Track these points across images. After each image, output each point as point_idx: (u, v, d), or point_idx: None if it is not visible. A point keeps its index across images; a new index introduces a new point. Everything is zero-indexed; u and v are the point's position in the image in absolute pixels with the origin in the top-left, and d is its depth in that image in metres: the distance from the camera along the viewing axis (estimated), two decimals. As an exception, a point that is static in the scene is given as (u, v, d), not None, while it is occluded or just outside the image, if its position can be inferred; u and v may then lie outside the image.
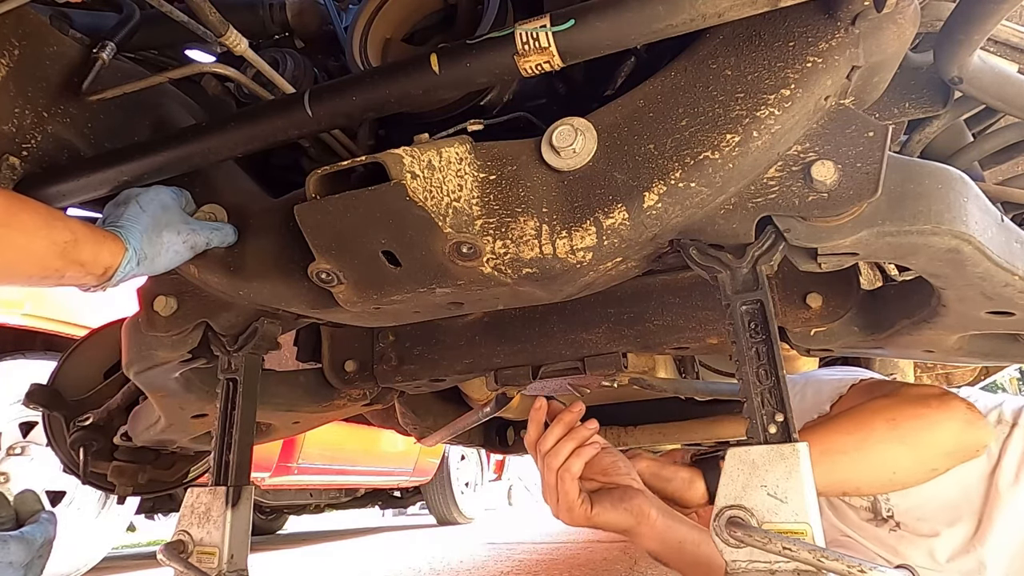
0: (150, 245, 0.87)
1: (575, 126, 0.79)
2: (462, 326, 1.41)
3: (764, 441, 0.75)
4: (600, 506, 1.07)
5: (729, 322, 0.82)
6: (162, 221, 0.90)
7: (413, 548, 4.64)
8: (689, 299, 1.27)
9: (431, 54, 0.78)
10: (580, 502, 1.06)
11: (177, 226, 0.92)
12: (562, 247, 0.79)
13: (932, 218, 0.78)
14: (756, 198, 0.79)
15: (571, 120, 0.80)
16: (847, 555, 0.65)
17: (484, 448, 2.88)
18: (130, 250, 0.84)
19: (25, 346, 2.89)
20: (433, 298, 0.89)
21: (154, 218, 0.89)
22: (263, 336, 1.14)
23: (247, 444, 1.13)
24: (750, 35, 0.77)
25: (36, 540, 0.95)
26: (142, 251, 0.86)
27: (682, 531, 1.09)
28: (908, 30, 0.76)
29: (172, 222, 0.91)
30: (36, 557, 0.95)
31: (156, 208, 0.90)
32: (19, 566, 0.92)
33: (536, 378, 1.41)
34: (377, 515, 10.27)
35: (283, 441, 3.79)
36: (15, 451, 2.74)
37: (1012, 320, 0.96)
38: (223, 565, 1.01)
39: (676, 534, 1.08)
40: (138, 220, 0.88)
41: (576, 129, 0.79)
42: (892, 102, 0.93)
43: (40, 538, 0.96)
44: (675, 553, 1.09)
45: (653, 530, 1.07)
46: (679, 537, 1.08)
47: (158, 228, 0.89)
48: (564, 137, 0.79)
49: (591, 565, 3.33)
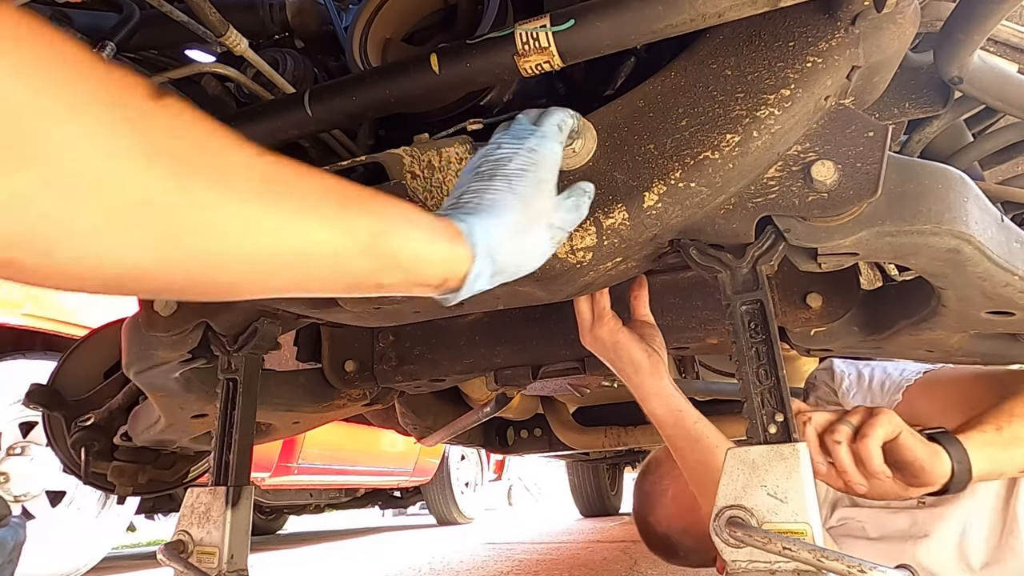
0: (513, 245, 0.59)
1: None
2: (462, 326, 1.41)
3: (764, 441, 0.75)
4: (625, 330, 1.07)
5: (729, 322, 0.82)
6: (534, 208, 0.61)
7: (413, 548, 4.64)
8: (689, 299, 1.27)
9: (431, 54, 0.78)
10: (612, 316, 1.07)
11: (549, 216, 0.63)
12: (562, 247, 0.79)
13: (932, 218, 0.78)
14: (756, 198, 0.79)
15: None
16: (847, 555, 0.65)
17: (484, 448, 2.88)
18: (481, 260, 0.57)
19: (25, 346, 2.89)
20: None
21: (525, 205, 0.60)
22: (263, 336, 1.14)
23: (247, 444, 1.13)
24: (750, 35, 0.77)
25: (7, 543, 0.94)
26: (502, 256, 0.58)
27: (684, 402, 1.07)
28: (908, 30, 0.76)
29: (545, 211, 0.63)
30: (7, 561, 0.94)
31: (530, 187, 0.61)
32: None
33: (536, 378, 1.41)
34: (377, 515, 10.27)
35: (283, 441, 3.79)
36: (15, 451, 2.74)
37: (1012, 320, 0.96)
38: (223, 565, 1.01)
39: (679, 402, 1.06)
40: (504, 207, 0.59)
41: (576, 129, 0.79)
42: (892, 102, 0.93)
43: (11, 541, 0.95)
44: (673, 419, 1.06)
45: (661, 385, 1.06)
46: (680, 406, 1.06)
47: (528, 220, 0.61)
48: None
49: (591, 565, 3.33)
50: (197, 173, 0.42)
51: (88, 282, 0.41)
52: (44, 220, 0.37)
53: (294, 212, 0.47)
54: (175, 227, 0.41)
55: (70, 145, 0.37)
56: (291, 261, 0.47)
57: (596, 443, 2.59)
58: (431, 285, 0.57)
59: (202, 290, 0.47)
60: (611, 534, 4.94)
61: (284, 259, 0.47)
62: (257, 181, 0.45)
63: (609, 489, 6.76)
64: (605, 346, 1.08)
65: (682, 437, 1.04)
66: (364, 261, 0.51)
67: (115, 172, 0.39)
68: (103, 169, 0.38)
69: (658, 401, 1.05)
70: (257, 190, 0.45)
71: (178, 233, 0.42)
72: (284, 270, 0.48)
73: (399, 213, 0.54)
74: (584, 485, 6.57)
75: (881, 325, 1.12)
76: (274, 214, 0.46)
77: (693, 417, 1.04)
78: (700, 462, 1.01)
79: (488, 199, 0.60)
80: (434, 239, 0.55)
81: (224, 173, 0.43)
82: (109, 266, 0.40)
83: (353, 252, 0.50)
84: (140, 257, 0.41)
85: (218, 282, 0.46)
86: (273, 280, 0.48)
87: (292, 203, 0.47)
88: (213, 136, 0.43)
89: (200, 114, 0.43)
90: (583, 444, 2.61)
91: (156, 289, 0.44)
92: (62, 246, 0.39)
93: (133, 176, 0.39)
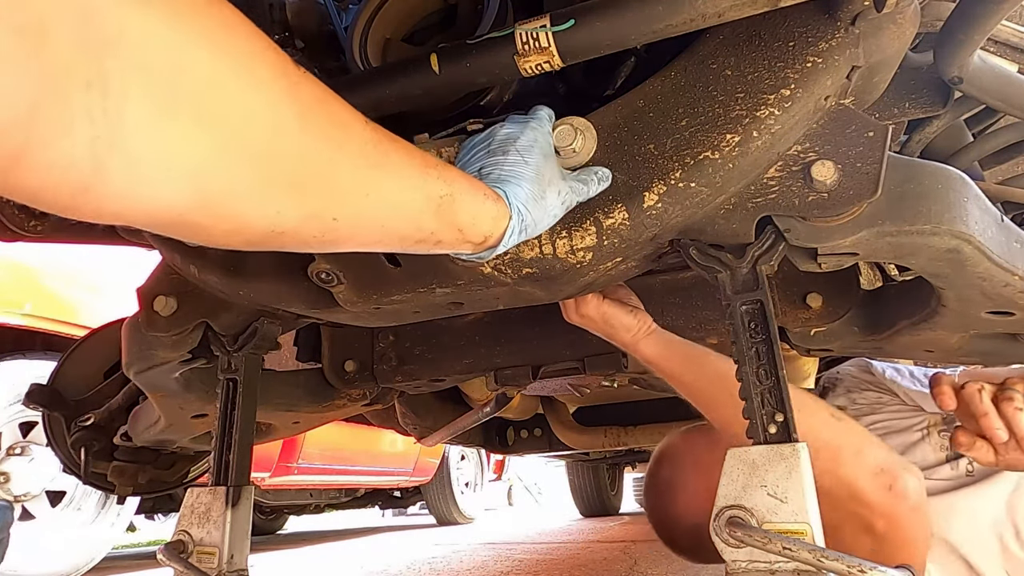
0: (536, 208, 0.69)
1: (575, 125, 0.79)
2: (462, 326, 1.41)
3: (764, 441, 0.75)
4: (608, 301, 1.10)
5: (729, 322, 0.82)
6: (545, 176, 0.72)
7: (413, 548, 4.64)
8: (689, 299, 1.27)
9: (431, 54, 0.78)
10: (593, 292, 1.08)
11: (558, 184, 0.74)
12: (562, 247, 0.79)
13: (932, 218, 0.78)
14: (756, 198, 0.79)
15: (571, 119, 0.79)
16: (847, 555, 0.65)
17: (484, 448, 2.88)
18: (515, 217, 0.67)
19: (25, 346, 2.89)
20: (433, 298, 0.89)
21: (538, 173, 0.71)
22: (263, 336, 1.14)
23: (247, 444, 1.13)
24: (750, 35, 0.77)
25: None
26: (529, 217, 0.69)
27: (681, 340, 1.10)
28: (908, 30, 0.76)
29: (554, 179, 0.73)
30: None
31: (538, 158, 0.72)
32: None
33: (536, 378, 1.41)
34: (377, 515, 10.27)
35: (283, 441, 3.79)
36: (15, 451, 2.74)
37: (1012, 320, 0.96)
38: (223, 565, 1.01)
39: (677, 342, 1.09)
40: (523, 177, 0.69)
41: (576, 129, 0.79)
42: (892, 102, 0.93)
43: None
44: (680, 356, 1.07)
45: (657, 336, 1.09)
46: (679, 342, 1.09)
47: (542, 186, 0.71)
48: (564, 136, 0.78)
49: (591, 565, 3.33)
50: (330, 139, 0.48)
51: (246, 239, 0.47)
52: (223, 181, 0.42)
53: (389, 176, 0.54)
54: (316, 187, 0.48)
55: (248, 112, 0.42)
56: (383, 219, 0.55)
57: (596, 443, 2.59)
58: (474, 243, 0.66)
59: (318, 244, 0.53)
60: (611, 534, 4.94)
61: (378, 217, 0.55)
62: (368, 147, 0.52)
63: (609, 489, 6.77)
64: (595, 321, 1.12)
65: (695, 368, 1.06)
66: (433, 221, 0.59)
67: (279, 139, 0.44)
68: (270, 135, 0.43)
69: (659, 350, 1.08)
70: (366, 156, 0.51)
71: (316, 193, 0.48)
72: (374, 226, 0.55)
73: (462, 179, 0.63)
74: (584, 485, 6.57)
75: (881, 325, 1.12)
76: (376, 178, 0.53)
77: (696, 347, 1.08)
78: (718, 374, 1.00)
79: (508, 170, 0.69)
80: (486, 201, 0.64)
81: (344, 140, 0.50)
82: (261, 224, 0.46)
83: (428, 213, 0.58)
84: (287, 215, 0.47)
85: (328, 238, 0.52)
86: (363, 235, 0.56)
87: (389, 168, 0.54)
88: (337, 105, 0.49)
89: (323, 84, 0.48)
90: (583, 444, 2.61)
91: (290, 244, 0.51)
92: (234, 206, 0.44)
93: (291, 142, 0.45)
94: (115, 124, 0.36)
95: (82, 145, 0.35)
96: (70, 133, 0.35)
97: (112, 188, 0.38)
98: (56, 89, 0.33)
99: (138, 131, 0.37)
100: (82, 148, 0.35)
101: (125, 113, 0.36)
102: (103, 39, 0.35)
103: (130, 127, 0.37)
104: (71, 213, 0.39)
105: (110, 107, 0.36)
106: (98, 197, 0.38)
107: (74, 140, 0.35)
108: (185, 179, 0.40)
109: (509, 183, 0.68)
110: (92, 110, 0.35)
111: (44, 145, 0.34)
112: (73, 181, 0.36)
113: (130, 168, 0.38)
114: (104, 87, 0.35)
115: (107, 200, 0.38)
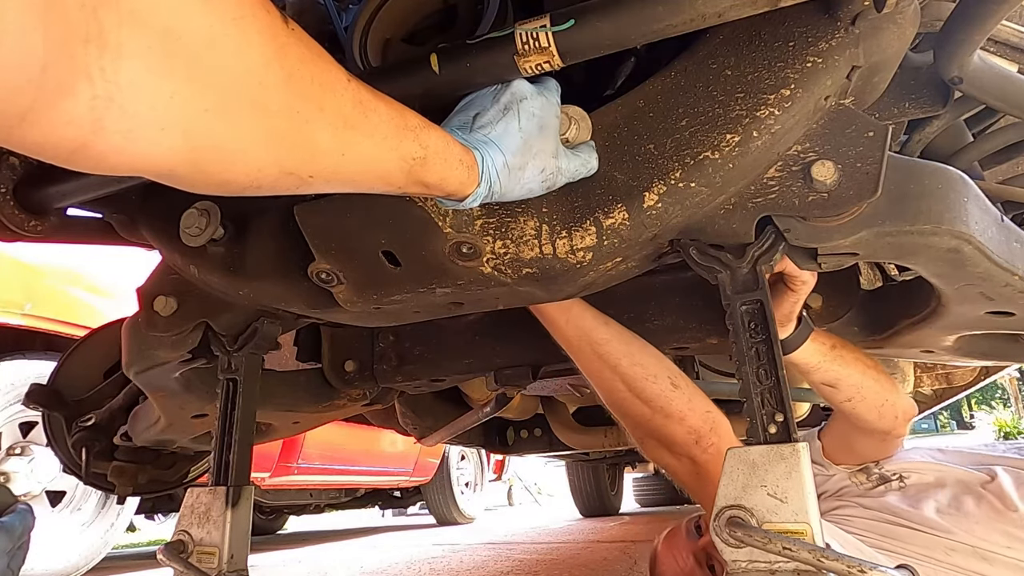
0: (510, 179, 0.70)
1: (570, 114, 0.78)
2: (462, 326, 1.41)
3: (764, 441, 0.75)
4: None
5: (729, 322, 0.82)
6: (533, 149, 0.71)
7: (413, 548, 4.64)
8: (689, 299, 1.27)
9: (431, 54, 0.78)
10: None
11: (545, 160, 0.73)
12: (562, 247, 0.79)
13: (932, 218, 0.78)
14: (756, 198, 0.79)
15: (567, 108, 0.79)
16: (847, 555, 0.65)
17: (484, 448, 2.88)
18: (483, 185, 0.69)
19: (25, 346, 2.89)
20: (433, 298, 0.89)
21: (526, 144, 0.71)
22: (263, 336, 1.14)
23: (247, 444, 1.13)
24: (750, 35, 0.77)
25: (16, 528, 0.95)
26: (498, 186, 0.70)
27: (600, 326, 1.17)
28: (908, 30, 0.76)
29: (542, 152, 0.73)
30: (18, 547, 0.95)
31: (533, 130, 0.71)
32: (2, 554, 0.92)
33: (536, 378, 1.41)
34: (377, 515, 10.27)
35: (283, 441, 3.79)
36: (15, 451, 2.74)
37: (1012, 320, 0.96)
38: (223, 565, 1.01)
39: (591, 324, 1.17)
40: (507, 144, 0.69)
41: (571, 118, 0.78)
42: (892, 102, 0.93)
43: (20, 527, 0.96)
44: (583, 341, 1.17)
45: (568, 309, 1.17)
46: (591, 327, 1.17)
47: (525, 158, 0.71)
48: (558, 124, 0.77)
49: (591, 565, 3.33)
50: (312, 99, 0.50)
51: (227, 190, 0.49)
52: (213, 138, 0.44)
53: (366, 137, 0.56)
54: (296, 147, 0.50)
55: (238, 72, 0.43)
56: (355, 175, 0.58)
57: (596, 443, 2.59)
58: (440, 195, 0.69)
59: (289, 193, 0.55)
60: (611, 534, 4.94)
61: (351, 174, 0.58)
62: (347, 107, 0.53)
63: (609, 489, 6.76)
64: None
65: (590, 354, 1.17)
66: (402, 179, 0.62)
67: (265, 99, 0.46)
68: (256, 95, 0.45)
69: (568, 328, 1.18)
70: (346, 117, 0.53)
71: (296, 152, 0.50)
72: (345, 181, 0.58)
73: (439, 140, 0.64)
74: (584, 485, 6.57)
75: (881, 325, 1.12)
76: (353, 139, 0.55)
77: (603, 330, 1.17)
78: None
79: (499, 131, 0.70)
80: (458, 167, 0.66)
81: (326, 102, 0.51)
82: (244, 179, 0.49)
83: (398, 172, 0.61)
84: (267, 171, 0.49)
85: (301, 190, 0.55)
86: (334, 187, 0.59)
87: (367, 129, 0.56)
88: (323, 64, 0.51)
89: (313, 42, 0.50)
90: (583, 444, 2.61)
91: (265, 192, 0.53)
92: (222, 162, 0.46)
93: (277, 103, 0.47)
94: (112, 82, 0.37)
95: (83, 104, 0.37)
96: (73, 93, 0.36)
97: (109, 145, 0.39)
98: (63, 49, 0.34)
99: (133, 89, 0.38)
100: (83, 107, 0.37)
101: (120, 71, 0.37)
102: None
103: (126, 85, 0.38)
104: (70, 165, 0.41)
105: (107, 64, 0.37)
106: (96, 153, 0.40)
107: (76, 100, 0.36)
108: (178, 137, 0.42)
109: (491, 147, 0.69)
110: (90, 68, 0.36)
111: (49, 105, 0.35)
112: (72, 138, 0.38)
113: (126, 125, 0.39)
114: (101, 42, 0.36)
115: (103, 155, 0.40)
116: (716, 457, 1.09)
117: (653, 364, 1.14)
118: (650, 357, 1.15)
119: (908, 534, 1.30)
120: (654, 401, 1.12)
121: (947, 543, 1.26)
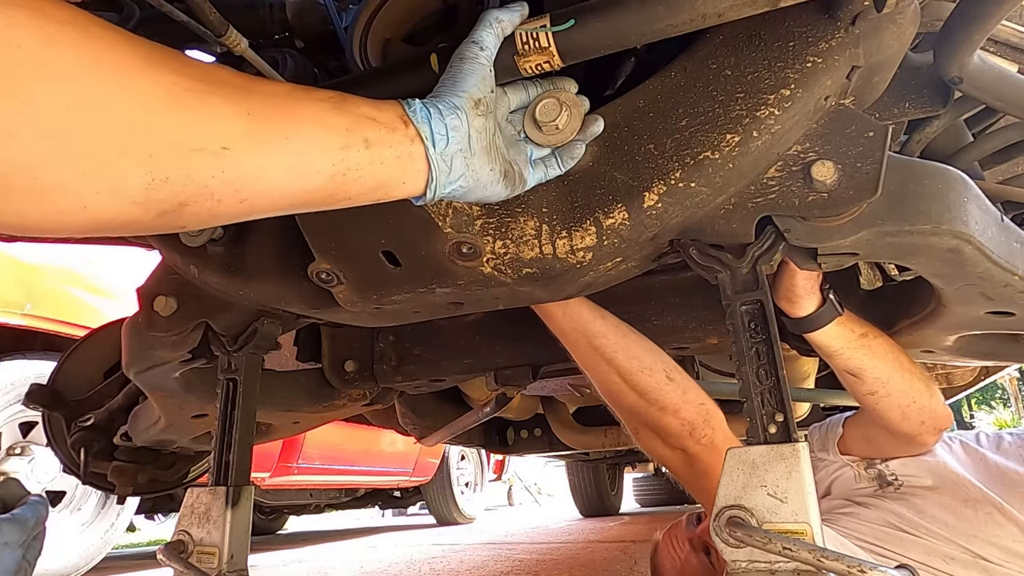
0: (470, 173, 0.64)
1: (561, 100, 0.76)
2: (462, 326, 1.41)
3: (764, 441, 0.75)
4: None
5: (729, 322, 0.82)
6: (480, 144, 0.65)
7: (413, 548, 4.64)
8: (689, 299, 1.27)
9: (431, 54, 0.78)
10: None
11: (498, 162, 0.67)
12: (562, 247, 0.79)
13: (932, 218, 0.78)
14: (756, 198, 0.79)
15: (558, 92, 0.76)
16: (847, 555, 0.65)
17: (484, 448, 2.88)
18: (432, 187, 0.63)
19: (25, 346, 2.89)
20: (433, 298, 0.89)
21: (478, 134, 0.64)
22: (263, 336, 1.14)
23: (247, 444, 1.13)
24: (750, 35, 0.77)
25: (29, 520, 0.95)
26: (456, 185, 0.64)
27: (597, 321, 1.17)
28: (908, 30, 0.76)
29: (497, 147, 0.68)
30: (32, 538, 0.95)
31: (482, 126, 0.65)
32: (16, 546, 0.92)
33: (536, 378, 1.41)
34: (377, 515, 10.28)
35: (283, 441, 3.79)
36: (15, 451, 2.74)
37: (1012, 320, 0.96)
38: (223, 565, 1.01)
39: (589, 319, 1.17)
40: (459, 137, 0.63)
41: (561, 103, 0.75)
42: (892, 102, 0.93)
43: (33, 518, 0.95)
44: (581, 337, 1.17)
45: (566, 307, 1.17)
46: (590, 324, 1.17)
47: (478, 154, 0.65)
48: (547, 111, 0.75)
49: (591, 565, 3.33)
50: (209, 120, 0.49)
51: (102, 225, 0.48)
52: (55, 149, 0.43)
53: (282, 159, 0.54)
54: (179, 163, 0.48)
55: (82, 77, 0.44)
56: (274, 195, 0.55)
57: (596, 443, 2.59)
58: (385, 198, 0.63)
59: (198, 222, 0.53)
60: (611, 534, 4.94)
61: (270, 198, 0.55)
62: (250, 136, 0.52)
63: (609, 489, 6.76)
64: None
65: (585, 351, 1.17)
66: (324, 193, 0.58)
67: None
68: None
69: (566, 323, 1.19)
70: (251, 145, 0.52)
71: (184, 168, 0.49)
72: (268, 201, 0.56)
73: (372, 155, 0.59)
74: (584, 485, 6.57)
75: (881, 325, 1.12)
76: (267, 165, 0.53)
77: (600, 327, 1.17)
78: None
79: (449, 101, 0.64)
80: (391, 182, 0.61)
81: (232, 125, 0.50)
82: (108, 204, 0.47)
83: (322, 191, 0.58)
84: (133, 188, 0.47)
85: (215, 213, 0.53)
86: (258, 212, 0.56)
87: (277, 155, 0.53)
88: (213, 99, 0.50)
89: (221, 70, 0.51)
90: (583, 444, 2.61)
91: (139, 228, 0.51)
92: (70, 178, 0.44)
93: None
94: None
95: None
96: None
97: None
98: None
99: None
100: None
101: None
102: None
103: None
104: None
105: None
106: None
107: None
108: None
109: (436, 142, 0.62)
110: None
111: None
112: None
113: None
114: None
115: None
116: (710, 448, 1.11)
117: (649, 357, 1.15)
118: (646, 350, 1.16)
119: (907, 540, 1.29)
120: (649, 393, 1.13)
121: (946, 551, 1.26)
